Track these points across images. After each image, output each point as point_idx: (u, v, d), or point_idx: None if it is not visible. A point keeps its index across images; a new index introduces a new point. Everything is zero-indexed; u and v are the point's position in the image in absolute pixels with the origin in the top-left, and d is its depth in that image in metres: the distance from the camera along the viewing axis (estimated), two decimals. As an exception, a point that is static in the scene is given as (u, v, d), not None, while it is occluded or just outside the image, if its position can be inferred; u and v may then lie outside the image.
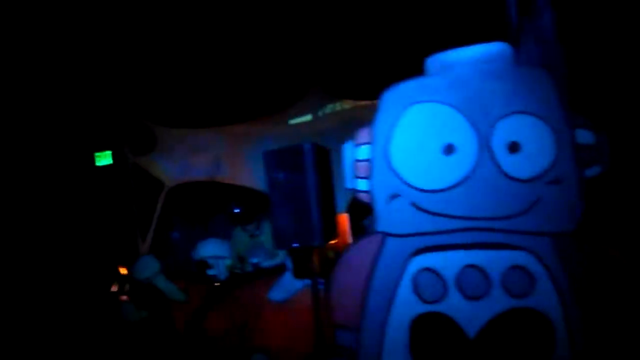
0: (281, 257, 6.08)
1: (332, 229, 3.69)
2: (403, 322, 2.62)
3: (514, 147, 2.51)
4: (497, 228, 2.53)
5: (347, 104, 5.72)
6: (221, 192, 6.37)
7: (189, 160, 5.98)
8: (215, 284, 4.99)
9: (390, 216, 2.67)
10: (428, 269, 2.60)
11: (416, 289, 2.60)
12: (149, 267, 4.99)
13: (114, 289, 5.28)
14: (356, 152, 2.75)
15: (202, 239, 6.81)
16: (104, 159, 6.90)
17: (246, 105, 5.92)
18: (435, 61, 2.66)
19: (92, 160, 6.76)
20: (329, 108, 5.88)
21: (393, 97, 2.70)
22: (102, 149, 6.84)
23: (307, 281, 4.45)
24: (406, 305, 2.62)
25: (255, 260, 5.47)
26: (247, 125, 5.97)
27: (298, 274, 4.55)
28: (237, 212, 6.42)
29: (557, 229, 2.47)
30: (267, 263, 5.70)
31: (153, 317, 4.88)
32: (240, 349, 4.43)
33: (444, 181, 2.59)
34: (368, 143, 2.73)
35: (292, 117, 5.98)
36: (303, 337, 4.32)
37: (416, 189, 2.63)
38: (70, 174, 6.41)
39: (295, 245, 3.54)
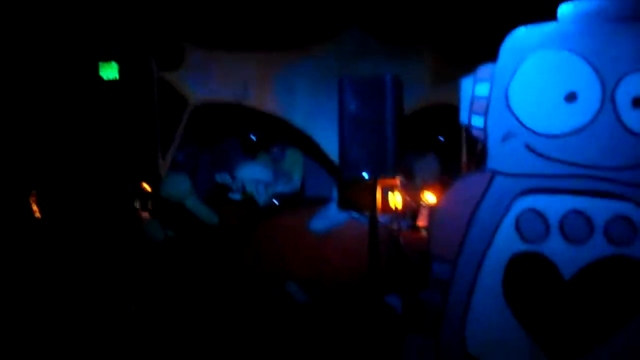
0: (296, 184, 6.19)
1: (399, 163, 3.75)
2: (501, 259, 2.77)
3: (638, 102, 2.63)
4: (608, 177, 2.68)
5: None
6: (233, 117, 6.33)
7: (217, 81, 5.87)
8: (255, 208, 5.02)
9: (502, 155, 2.77)
10: (533, 210, 2.73)
11: (519, 227, 2.74)
12: (180, 185, 4.98)
13: (136, 205, 5.23)
14: (475, 88, 2.81)
15: (213, 161, 6.85)
16: (109, 70, 6.65)
17: (281, 33, 5.81)
18: (570, 7, 2.72)
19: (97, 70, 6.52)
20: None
21: (521, 37, 2.76)
22: (109, 59, 6.60)
23: (352, 213, 4.60)
24: (507, 243, 2.75)
25: (279, 189, 5.53)
26: (279, 52, 5.88)
27: (343, 205, 4.69)
28: (254, 140, 6.44)
29: (666, 184, 2.64)
30: (282, 188, 5.77)
31: (180, 237, 4.90)
32: (274, 276, 4.54)
33: (561, 127, 2.70)
34: (487, 80, 2.79)
35: (326, 51, 5.93)
36: (341, 269, 4.50)
37: (532, 131, 2.73)
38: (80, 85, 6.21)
39: (365, 174, 3.60)
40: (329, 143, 5.97)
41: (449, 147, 5.25)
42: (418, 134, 5.00)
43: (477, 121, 2.81)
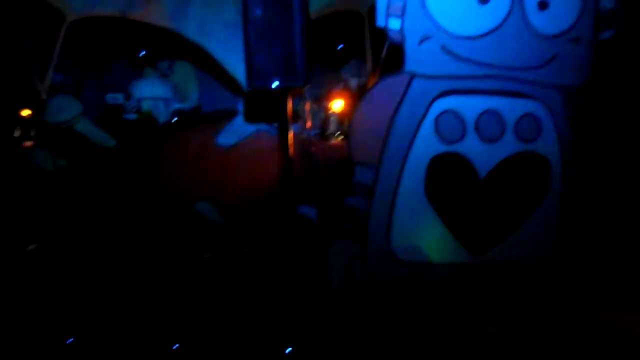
0: (193, 100, 5.94)
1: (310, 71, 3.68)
2: (422, 160, 2.89)
3: (543, 5, 2.76)
4: (517, 77, 2.83)
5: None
6: (117, 32, 5.84)
7: (96, -9, 5.29)
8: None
9: (419, 57, 2.82)
10: (451, 111, 2.85)
11: (438, 129, 2.86)
12: (68, 108, 4.54)
13: (17, 134, 4.73)
14: (392, -9, 2.78)
15: (98, 82, 6.34)
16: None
17: None
18: None
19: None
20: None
21: (436, -63, 2.74)
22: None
23: (260, 125, 4.50)
24: (427, 144, 2.88)
25: (177, 106, 5.26)
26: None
27: (251, 118, 4.55)
28: (144, 55, 5.99)
29: (568, 83, 2.84)
30: (179, 104, 5.52)
31: (74, 165, 4.54)
32: (183, 197, 4.39)
33: (475, 29, 2.79)
34: (405, -18, 2.77)
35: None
36: (252, 184, 4.45)
37: (449, 33, 2.79)
38: None
39: (275, 84, 3.48)
40: (226, 54, 5.72)
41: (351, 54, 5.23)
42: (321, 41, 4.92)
43: (394, 24, 2.81)
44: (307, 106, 4.51)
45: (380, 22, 2.83)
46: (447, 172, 2.91)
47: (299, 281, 3.32)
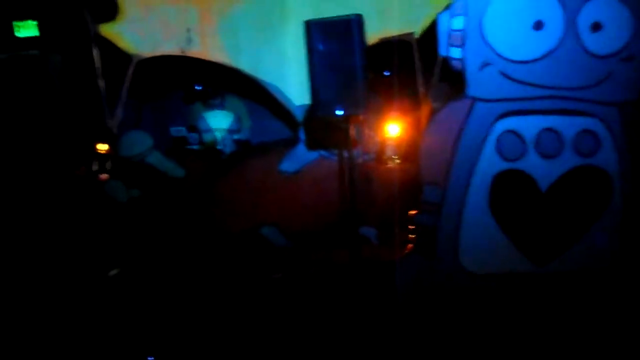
0: (246, 131, 6.30)
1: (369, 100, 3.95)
2: (486, 178, 3.13)
3: (596, 27, 2.99)
4: (573, 97, 3.06)
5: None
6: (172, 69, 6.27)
7: (159, 32, 5.74)
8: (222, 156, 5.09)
9: (480, 82, 3.08)
10: (511, 131, 3.09)
11: (499, 148, 3.10)
12: (140, 142, 4.95)
13: (94, 167, 5.14)
14: (452, 22, 3.06)
15: (153, 116, 6.77)
16: (25, 29, 6.33)
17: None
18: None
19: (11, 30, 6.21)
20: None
21: (491, -28, 3.02)
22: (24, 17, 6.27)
23: (321, 152, 4.81)
24: (490, 163, 3.12)
25: (236, 137, 5.62)
26: (221, -2, 5.82)
27: (312, 145, 4.87)
28: (199, 90, 6.41)
29: (624, 99, 3.05)
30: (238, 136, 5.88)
31: (146, 195, 4.91)
32: (250, 222, 4.70)
33: (531, 53, 3.04)
34: (463, 14, 3.05)
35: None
36: (314, 208, 4.73)
37: (506, 59, 3.05)
38: None
39: (339, 112, 3.76)
40: (279, 86, 6.09)
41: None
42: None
43: (455, 53, 3.08)
44: (365, 132, 4.79)
45: (442, 51, 3.11)
46: (510, 188, 3.13)
47: (369, 297, 3.57)
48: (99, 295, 4.05)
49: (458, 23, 3.06)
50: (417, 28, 5.64)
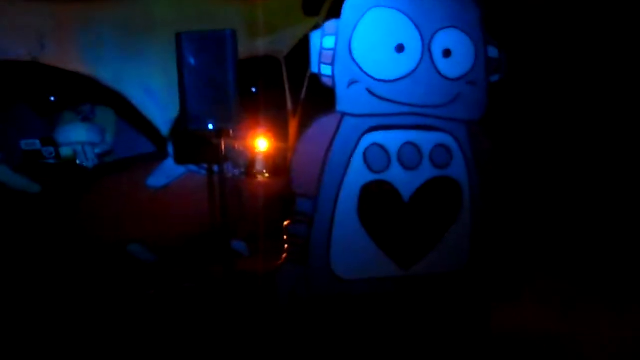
0: (108, 143, 6.06)
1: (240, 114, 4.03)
2: (354, 188, 3.37)
3: (447, 53, 3.40)
4: (429, 114, 3.42)
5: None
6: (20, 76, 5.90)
7: (6, 36, 5.34)
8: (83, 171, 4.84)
9: (348, 99, 3.33)
10: (377, 144, 3.37)
11: (367, 160, 3.36)
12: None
13: None
14: (323, 41, 3.28)
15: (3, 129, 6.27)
16: None
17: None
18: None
19: None
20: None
21: (358, -3, 3.30)
22: None
23: (190, 167, 4.79)
24: (358, 174, 3.36)
25: (98, 150, 5.40)
26: (82, 3, 5.58)
27: (181, 159, 4.83)
28: (54, 100, 6.07)
29: (470, 117, 3.48)
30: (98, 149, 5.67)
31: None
32: (114, 240, 4.54)
33: (394, 73, 3.36)
34: (334, 34, 3.29)
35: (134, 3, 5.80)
36: (184, 223, 4.71)
37: (372, 77, 3.33)
38: None
39: (210, 126, 3.81)
40: (143, 99, 5.95)
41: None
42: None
43: (326, 70, 3.30)
44: (236, 146, 4.88)
45: (313, 68, 3.31)
46: (376, 197, 3.40)
47: (246, 308, 3.64)
48: None
49: (329, 42, 3.29)
50: (284, 46, 5.91)
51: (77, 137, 5.27)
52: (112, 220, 4.58)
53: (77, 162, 5.31)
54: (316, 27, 4.71)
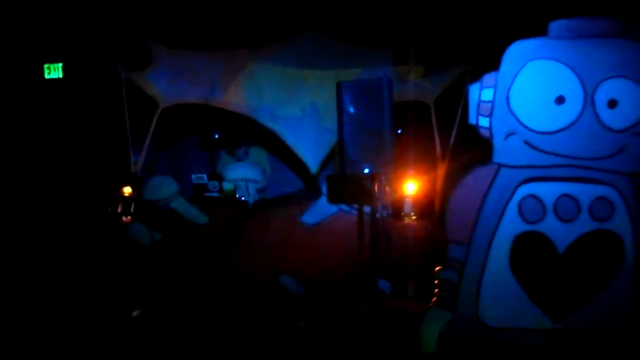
0: (263, 182, 6.59)
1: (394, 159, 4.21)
2: (507, 238, 3.41)
3: (612, 104, 3.35)
4: (590, 166, 3.39)
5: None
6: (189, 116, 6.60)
7: (185, 82, 6.10)
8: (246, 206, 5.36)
9: (505, 150, 3.41)
10: (532, 195, 3.40)
11: (521, 211, 3.40)
12: (166, 187, 5.20)
13: (119, 210, 5.38)
14: (481, 94, 3.42)
15: (168, 162, 7.07)
16: (54, 71, 6.73)
17: (245, 32, 6.15)
18: (559, 25, 3.38)
19: (41, 72, 6.59)
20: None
21: (518, 50, 3.39)
22: (54, 60, 6.67)
23: (342, 206, 5.08)
24: (511, 224, 3.41)
25: (258, 187, 5.91)
26: (246, 51, 6.23)
27: (333, 199, 5.14)
28: (217, 138, 6.73)
29: (635, 170, 3.39)
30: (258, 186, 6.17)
31: (169, 240, 5.13)
32: (268, 271, 4.92)
33: (553, 125, 3.38)
34: (492, 87, 3.41)
35: (288, 49, 6.35)
36: (333, 260, 4.98)
37: (530, 129, 3.39)
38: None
39: (366, 170, 4.01)
40: (297, 140, 6.43)
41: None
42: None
43: (484, 122, 3.42)
44: (386, 189, 5.09)
45: (471, 120, 3.45)
46: (529, 248, 3.41)
47: (389, 345, 3.78)
48: (121, 335, 4.22)
49: (487, 94, 3.42)
50: (433, 91, 6.09)
51: (243, 174, 5.81)
52: (267, 252, 4.97)
53: (237, 196, 5.85)
54: (466, 73, 4.88)
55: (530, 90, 3.39)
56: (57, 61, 6.66)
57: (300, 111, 6.42)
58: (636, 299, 3.40)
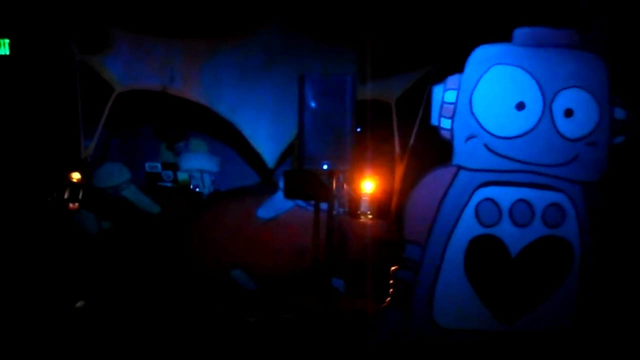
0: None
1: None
2: (463, 240, 3.45)
3: (568, 113, 3.43)
4: (545, 173, 3.47)
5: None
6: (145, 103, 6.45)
7: (143, 68, 5.93)
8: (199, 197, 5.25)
9: (465, 153, 3.45)
10: (489, 199, 3.45)
11: (478, 214, 3.45)
12: (117, 175, 5.06)
13: (65, 196, 5.19)
14: (444, 95, 3.45)
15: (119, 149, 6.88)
16: (0, 48, 6.44)
17: (208, 21, 6.03)
18: (523, 32, 3.44)
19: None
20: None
21: (483, 54, 3.43)
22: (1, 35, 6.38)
23: (298, 202, 5.05)
24: (468, 227, 3.45)
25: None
26: (207, 41, 6.11)
27: (290, 194, 5.11)
28: (174, 135, 6.59)
29: (587, 179, 3.48)
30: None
31: (118, 229, 4.99)
32: (220, 264, 4.85)
33: (512, 131, 3.43)
34: (455, 89, 3.44)
35: (252, 42, 6.27)
36: (288, 256, 4.95)
37: (490, 133, 3.43)
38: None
39: (325, 167, 3.99)
40: (254, 132, 6.36)
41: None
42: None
43: (445, 123, 3.45)
44: (343, 186, 5.09)
45: (434, 121, 3.46)
46: (483, 251, 3.46)
47: (342, 343, 3.78)
48: (64, 326, 4.08)
49: (450, 96, 3.44)
50: (395, 91, 6.13)
51: (200, 165, 5.71)
52: (221, 245, 4.91)
53: (191, 187, 5.75)
54: (429, 74, 4.91)
55: (493, 95, 3.43)
56: (3, 37, 6.38)
57: (260, 104, 6.34)
58: (580, 304, 3.50)
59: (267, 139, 6.40)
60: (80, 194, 5.19)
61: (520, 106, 3.43)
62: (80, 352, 3.74)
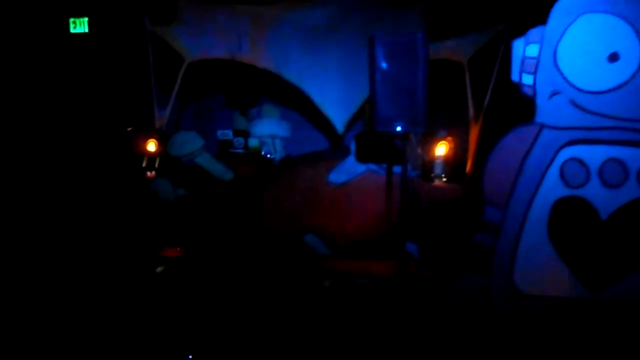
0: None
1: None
2: (547, 203, 3.21)
3: (669, 63, 3.08)
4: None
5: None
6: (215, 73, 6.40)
7: (211, 37, 5.89)
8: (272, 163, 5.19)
9: (549, 110, 3.18)
10: (576, 159, 3.18)
11: (563, 174, 3.19)
12: (191, 143, 5.07)
13: (144, 164, 5.25)
14: (526, 49, 3.16)
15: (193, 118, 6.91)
16: (79, 26, 6.55)
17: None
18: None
19: (66, 26, 6.41)
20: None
21: (568, 3, 3.13)
22: (79, 14, 6.48)
23: (370, 166, 4.89)
24: (552, 188, 3.20)
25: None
26: (272, 7, 5.98)
27: (362, 158, 4.95)
28: (248, 101, 6.53)
29: (689, 135, 3.13)
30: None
31: (193, 195, 5.02)
32: (293, 230, 4.79)
33: (603, 84, 3.13)
34: (538, 42, 3.15)
35: (316, 5, 6.08)
36: (360, 221, 4.82)
37: (577, 88, 3.14)
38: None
39: (398, 129, 3.80)
40: (323, 98, 6.21)
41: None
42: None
43: (527, 79, 3.18)
44: (418, 150, 4.88)
45: (514, 77, 3.20)
46: (570, 214, 3.20)
47: (419, 311, 3.64)
48: (143, 291, 4.14)
49: (532, 50, 3.16)
50: (467, 50, 5.78)
51: (270, 131, 5.64)
52: (293, 211, 4.83)
53: (262, 153, 5.69)
54: (503, 32, 4.55)
55: (581, 46, 3.13)
56: (83, 15, 6.48)
57: (327, 69, 6.16)
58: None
59: (336, 104, 6.23)
60: (157, 162, 5.24)
61: (613, 57, 3.11)
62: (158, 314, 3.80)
